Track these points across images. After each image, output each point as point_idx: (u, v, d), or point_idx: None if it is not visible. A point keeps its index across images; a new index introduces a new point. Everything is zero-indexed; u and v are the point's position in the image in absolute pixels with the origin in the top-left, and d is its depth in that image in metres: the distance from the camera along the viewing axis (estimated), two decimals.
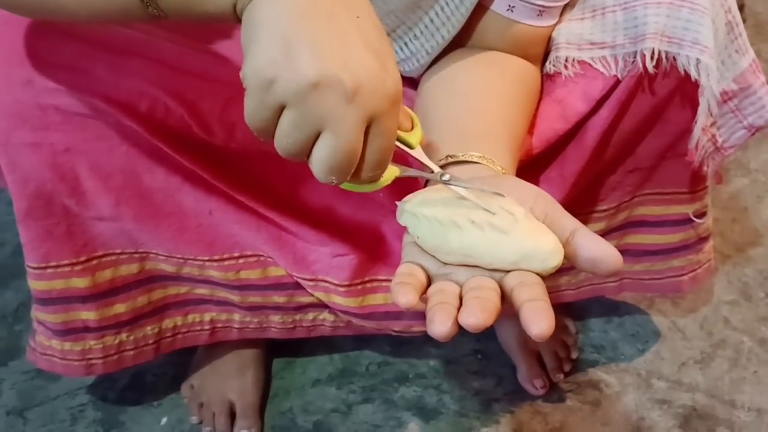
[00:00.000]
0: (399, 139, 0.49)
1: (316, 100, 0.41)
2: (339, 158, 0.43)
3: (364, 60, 0.42)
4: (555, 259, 0.45)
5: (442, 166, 0.56)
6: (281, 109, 0.42)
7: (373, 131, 0.44)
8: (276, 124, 0.43)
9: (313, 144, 0.43)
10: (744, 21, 1.46)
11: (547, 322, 0.41)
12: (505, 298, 0.45)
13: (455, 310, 0.43)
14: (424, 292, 0.46)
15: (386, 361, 0.98)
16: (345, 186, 0.48)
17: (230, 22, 0.46)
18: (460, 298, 0.45)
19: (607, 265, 0.44)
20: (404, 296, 0.43)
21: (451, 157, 0.56)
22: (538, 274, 0.45)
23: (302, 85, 0.41)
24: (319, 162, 0.43)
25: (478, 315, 0.41)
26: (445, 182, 0.50)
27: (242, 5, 0.44)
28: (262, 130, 0.44)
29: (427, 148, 0.59)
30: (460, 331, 0.42)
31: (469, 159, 0.55)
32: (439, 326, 0.41)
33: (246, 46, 0.43)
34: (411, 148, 0.51)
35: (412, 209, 0.50)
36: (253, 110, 0.43)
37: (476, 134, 0.59)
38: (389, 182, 0.49)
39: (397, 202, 0.51)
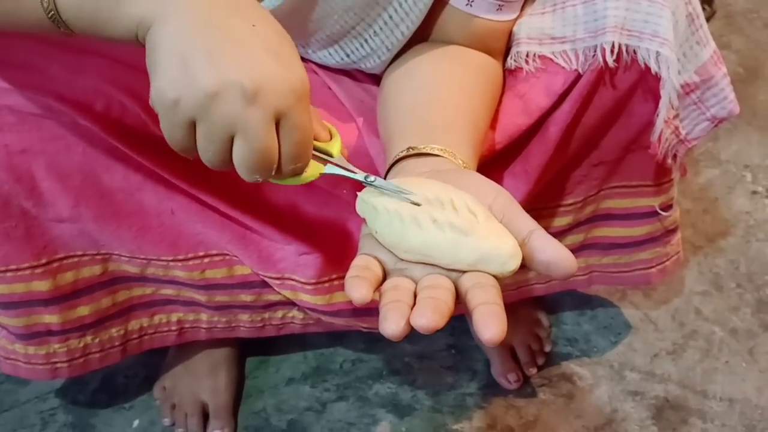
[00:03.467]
0: (318, 149, 0.51)
1: (219, 108, 0.43)
2: (255, 158, 0.45)
3: (263, 62, 0.44)
4: (513, 264, 0.45)
5: (403, 158, 0.56)
6: (193, 125, 0.44)
7: (284, 127, 0.45)
8: (194, 141, 0.45)
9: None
10: (714, 12, 1.48)
11: (499, 327, 0.41)
12: (459, 297, 0.45)
13: (409, 309, 0.43)
14: (380, 285, 0.46)
15: (360, 358, 0.98)
16: (272, 181, 0.49)
17: (138, 46, 0.47)
18: (415, 295, 0.45)
19: (560, 269, 0.44)
20: (358, 291, 0.43)
21: (412, 149, 0.56)
22: (494, 276, 0.45)
23: (203, 96, 0.43)
24: (239, 164, 0.45)
25: (429, 317, 0.41)
26: (369, 183, 0.51)
27: (143, 32, 0.45)
28: (184, 150, 0.46)
29: (389, 140, 0.59)
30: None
31: (431, 152, 0.55)
32: (392, 325, 0.41)
33: (150, 71, 0.44)
34: (331, 156, 0.52)
35: (372, 200, 0.49)
36: (168, 132, 0.45)
37: (438, 126, 0.59)
38: (315, 177, 0.51)
39: (358, 193, 0.51)
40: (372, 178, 0.51)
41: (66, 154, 0.65)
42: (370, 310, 0.80)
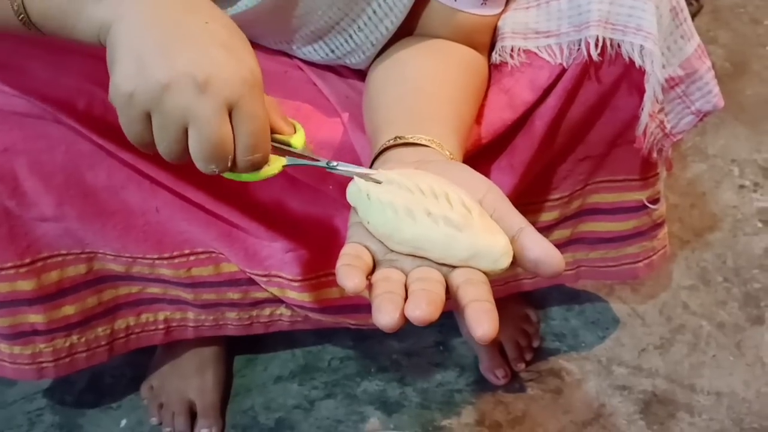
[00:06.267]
0: (279, 141, 0.52)
1: (171, 99, 0.44)
2: (208, 147, 0.46)
3: (213, 54, 0.45)
4: (505, 261, 0.45)
5: (389, 147, 0.55)
6: (149, 117, 0.46)
7: (237, 116, 0.46)
8: (152, 134, 0.47)
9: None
10: (701, 7, 1.48)
11: (491, 324, 0.41)
12: (450, 293, 0.45)
13: (402, 300, 0.42)
14: (370, 275, 0.45)
15: (348, 356, 0.98)
16: (228, 176, 0.50)
17: (104, 48, 0.48)
18: (406, 288, 0.44)
19: (549, 267, 0.44)
20: (351, 280, 0.43)
21: (399, 138, 0.55)
22: (485, 272, 0.45)
23: (155, 89, 0.44)
24: (194, 155, 0.47)
25: (423, 308, 0.41)
26: (333, 168, 0.51)
27: (104, 35, 0.47)
28: (142, 143, 0.48)
29: (375, 130, 0.58)
30: (408, 321, 0.42)
31: (418, 141, 0.55)
32: (386, 317, 0.41)
33: (109, 70, 0.46)
34: (294, 148, 0.53)
35: (367, 188, 0.48)
36: (126, 127, 0.47)
37: (424, 117, 0.59)
38: (278, 171, 0.52)
39: (353, 177, 0.50)
40: (334, 163, 0.52)
41: (49, 152, 0.64)
42: (358, 306, 0.80)
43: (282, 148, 0.52)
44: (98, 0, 0.47)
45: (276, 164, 0.51)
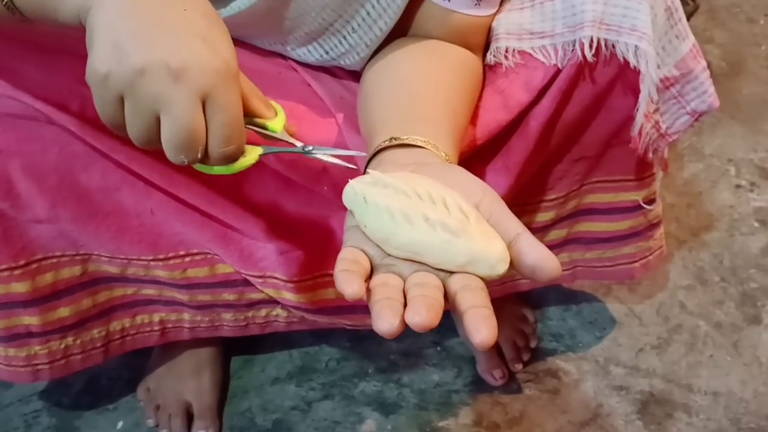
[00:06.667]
0: (261, 126, 0.52)
1: (145, 85, 0.45)
2: (179, 135, 0.46)
3: (189, 44, 0.46)
4: (502, 267, 0.45)
5: (385, 148, 0.55)
6: (122, 101, 0.46)
7: (210, 106, 0.47)
8: (124, 117, 0.47)
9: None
10: (697, 7, 1.48)
11: (490, 330, 0.41)
12: (447, 298, 0.45)
13: (401, 306, 0.42)
14: (368, 279, 0.45)
15: (345, 357, 0.98)
16: (200, 168, 0.50)
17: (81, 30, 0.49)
18: (404, 293, 0.44)
19: (545, 272, 0.44)
20: (350, 286, 0.42)
21: (395, 139, 0.55)
22: (482, 278, 0.45)
23: (130, 73, 0.45)
24: (165, 143, 0.47)
25: (423, 314, 0.41)
26: (308, 153, 0.52)
27: (83, 16, 0.48)
28: (114, 125, 0.48)
29: (370, 131, 0.58)
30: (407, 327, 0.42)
31: (413, 142, 0.55)
32: (385, 323, 0.41)
33: (88, 51, 0.47)
34: (274, 132, 0.53)
35: (364, 191, 0.48)
36: (99, 107, 0.48)
37: (419, 118, 0.59)
38: (254, 161, 0.52)
39: (350, 180, 0.50)
40: (310, 147, 0.52)
41: (42, 154, 0.64)
42: (354, 307, 0.80)
43: (261, 133, 0.52)
44: None
45: (251, 155, 0.51)
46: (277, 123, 0.53)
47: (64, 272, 0.72)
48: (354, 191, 0.49)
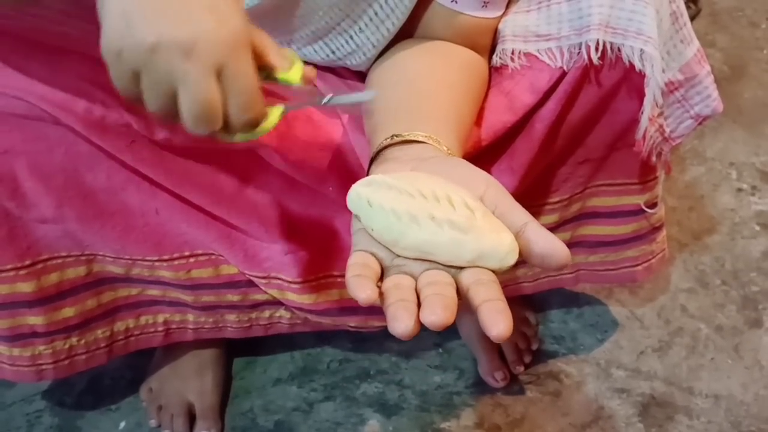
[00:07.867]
0: (279, 79, 0.52)
1: (158, 60, 0.45)
2: (198, 108, 0.46)
3: (199, 18, 0.46)
4: (511, 259, 0.45)
5: (388, 146, 0.55)
6: (138, 76, 0.46)
7: (225, 78, 0.47)
8: (141, 91, 0.47)
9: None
10: (699, 11, 1.48)
11: (506, 323, 0.41)
12: (460, 294, 0.45)
13: (415, 306, 0.42)
14: (379, 282, 0.46)
15: (347, 358, 0.98)
16: (224, 137, 0.50)
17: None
18: (416, 292, 0.44)
19: (555, 260, 0.45)
20: (363, 291, 0.43)
21: (397, 136, 0.55)
22: (493, 271, 0.45)
23: (142, 49, 0.45)
24: (184, 116, 0.47)
25: (439, 313, 0.41)
26: (327, 103, 0.52)
27: None
28: (133, 99, 0.48)
29: (373, 130, 0.59)
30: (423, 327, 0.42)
31: (415, 138, 0.55)
32: (401, 325, 0.41)
33: (101, 24, 0.46)
34: (292, 84, 0.52)
35: (368, 195, 0.48)
36: (116, 81, 0.47)
37: (423, 116, 0.59)
38: (276, 122, 0.51)
39: (353, 186, 0.50)
40: (328, 98, 0.53)
41: (48, 154, 0.64)
42: (357, 308, 0.80)
43: (279, 84, 0.52)
44: None
45: (273, 116, 0.51)
46: (294, 74, 0.52)
47: (69, 272, 0.72)
48: (358, 196, 0.49)
